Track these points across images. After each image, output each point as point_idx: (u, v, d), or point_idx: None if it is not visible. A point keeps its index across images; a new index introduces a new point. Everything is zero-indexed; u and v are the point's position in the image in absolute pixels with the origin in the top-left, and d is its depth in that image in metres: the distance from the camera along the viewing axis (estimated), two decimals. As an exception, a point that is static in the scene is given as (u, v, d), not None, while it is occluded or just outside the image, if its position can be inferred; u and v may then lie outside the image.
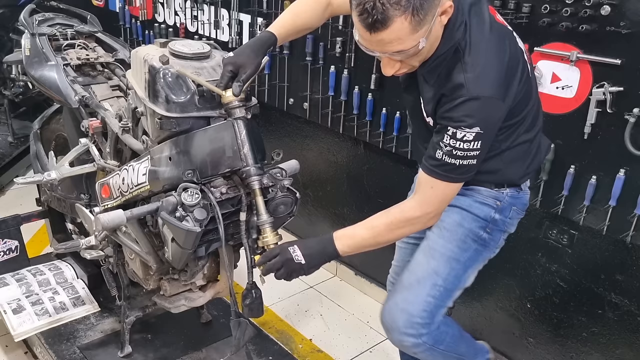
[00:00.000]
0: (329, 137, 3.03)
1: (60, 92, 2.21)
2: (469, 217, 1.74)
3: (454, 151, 1.50)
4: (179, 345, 2.34)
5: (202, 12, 3.38)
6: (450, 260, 1.75)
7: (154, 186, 1.75)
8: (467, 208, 1.74)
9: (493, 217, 1.74)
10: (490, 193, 1.74)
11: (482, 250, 1.77)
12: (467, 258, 1.76)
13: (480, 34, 1.51)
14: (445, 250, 1.76)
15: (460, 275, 1.77)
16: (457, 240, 1.75)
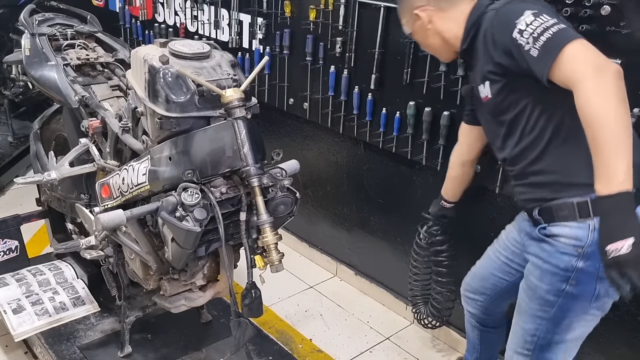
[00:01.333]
0: (329, 137, 3.04)
1: (60, 92, 2.21)
2: (548, 270, 1.61)
3: (534, 35, 1.45)
4: (179, 345, 2.34)
5: (202, 12, 3.38)
6: (534, 318, 1.68)
7: (154, 186, 1.75)
8: (547, 259, 1.62)
9: (575, 266, 1.55)
10: (569, 236, 1.55)
11: (572, 303, 1.60)
12: (554, 314, 1.63)
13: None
14: (528, 307, 1.69)
15: (552, 329, 1.65)
16: (538, 298, 1.65)
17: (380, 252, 2.95)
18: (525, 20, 1.47)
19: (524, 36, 1.46)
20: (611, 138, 1.33)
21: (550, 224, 1.61)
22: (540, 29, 1.45)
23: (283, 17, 2.95)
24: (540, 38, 1.44)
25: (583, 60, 1.41)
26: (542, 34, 1.44)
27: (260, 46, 3.12)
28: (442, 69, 2.35)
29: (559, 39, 1.43)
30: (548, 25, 1.44)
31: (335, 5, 2.70)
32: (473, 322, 2.13)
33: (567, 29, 1.46)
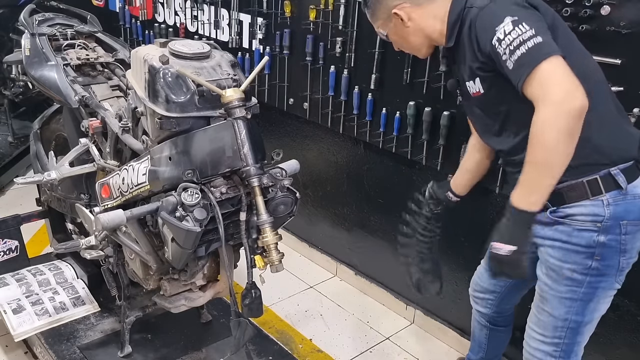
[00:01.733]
0: (329, 137, 3.04)
1: (60, 92, 2.21)
2: (571, 249, 1.61)
3: (511, 47, 1.46)
4: (179, 345, 2.34)
5: (202, 12, 3.38)
6: (563, 300, 1.65)
7: (154, 186, 1.75)
8: (566, 239, 1.61)
9: (598, 241, 1.57)
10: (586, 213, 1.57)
11: (599, 279, 1.62)
12: (583, 293, 1.63)
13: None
14: (554, 292, 1.66)
15: (582, 310, 1.65)
16: (565, 279, 1.63)
17: (380, 252, 2.95)
18: (504, 28, 1.47)
19: (502, 46, 1.48)
20: (546, 164, 1.47)
21: (560, 206, 1.60)
22: (516, 41, 1.45)
23: (283, 17, 2.95)
24: (515, 52, 1.45)
25: (552, 84, 1.43)
26: (517, 48, 1.45)
27: (260, 46, 3.12)
28: (442, 69, 2.35)
29: (532, 55, 1.43)
30: (525, 38, 1.44)
31: (335, 5, 2.70)
32: (483, 322, 2.11)
33: (542, 44, 1.44)
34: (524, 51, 1.44)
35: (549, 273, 1.66)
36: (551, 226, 1.64)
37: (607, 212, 1.55)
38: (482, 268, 2.05)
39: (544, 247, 1.67)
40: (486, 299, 2.05)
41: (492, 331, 2.11)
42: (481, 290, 2.06)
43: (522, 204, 1.52)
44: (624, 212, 1.56)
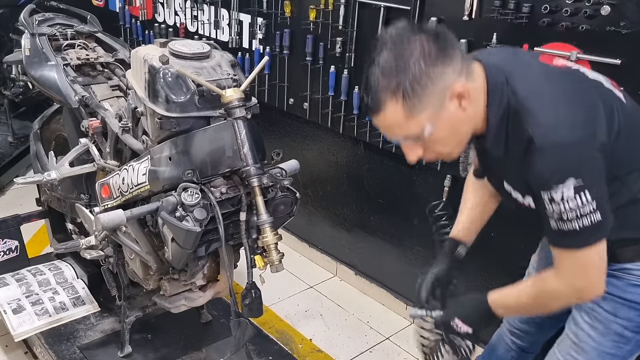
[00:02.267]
0: (329, 137, 3.03)
1: (60, 92, 2.21)
2: (624, 305, 1.47)
3: (564, 216, 1.28)
4: (179, 345, 2.34)
5: (202, 12, 3.38)
6: (604, 355, 1.52)
7: (154, 186, 1.75)
8: (620, 295, 1.47)
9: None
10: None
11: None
12: (628, 350, 1.51)
13: (531, 82, 1.33)
14: (597, 345, 1.51)
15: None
16: (612, 334, 1.49)
17: (380, 252, 2.95)
18: (563, 191, 1.26)
19: (552, 206, 1.29)
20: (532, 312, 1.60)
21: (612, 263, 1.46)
22: (572, 213, 1.28)
23: (283, 17, 2.95)
24: (566, 223, 1.30)
25: (583, 272, 1.36)
26: (570, 220, 1.29)
27: (260, 46, 3.12)
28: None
29: (583, 236, 1.31)
30: (583, 212, 1.27)
31: (335, 5, 2.70)
32: (513, 347, 1.94)
33: (598, 227, 1.29)
34: (576, 227, 1.29)
35: (595, 324, 1.51)
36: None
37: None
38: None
39: None
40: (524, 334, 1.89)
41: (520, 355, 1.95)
42: (518, 328, 1.89)
43: (497, 307, 1.51)
44: None
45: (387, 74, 1.23)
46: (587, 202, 1.26)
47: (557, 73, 1.39)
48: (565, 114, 1.28)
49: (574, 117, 1.28)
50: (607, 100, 1.35)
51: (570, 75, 1.40)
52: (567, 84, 1.35)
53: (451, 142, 1.36)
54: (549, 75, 1.37)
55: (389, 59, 1.23)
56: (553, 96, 1.31)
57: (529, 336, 1.90)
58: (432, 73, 1.23)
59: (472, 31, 2.23)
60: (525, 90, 1.31)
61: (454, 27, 2.26)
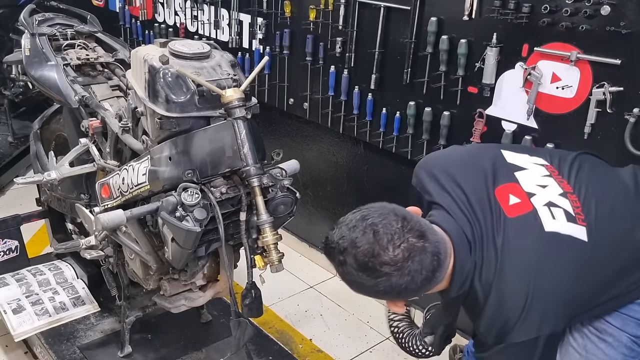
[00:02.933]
0: (329, 137, 3.03)
1: (60, 92, 2.21)
2: (632, 322, 1.46)
3: None
4: (179, 345, 2.34)
5: (202, 12, 3.38)
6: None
7: (154, 186, 1.75)
8: (626, 312, 1.45)
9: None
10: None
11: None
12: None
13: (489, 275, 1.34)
14: (607, 358, 1.49)
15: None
16: (623, 347, 1.47)
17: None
18: None
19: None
20: None
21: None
22: None
23: (283, 17, 2.95)
24: None
25: None
26: None
27: (260, 46, 3.12)
28: (442, 68, 2.35)
29: None
30: None
31: (335, 5, 2.70)
32: None
33: None
34: None
35: (604, 337, 1.49)
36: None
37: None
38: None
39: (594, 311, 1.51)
40: None
41: None
42: None
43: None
44: None
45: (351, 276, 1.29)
46: None
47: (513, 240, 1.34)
48: (515, 315, 1.30)
49: (525, 317, 1.29)
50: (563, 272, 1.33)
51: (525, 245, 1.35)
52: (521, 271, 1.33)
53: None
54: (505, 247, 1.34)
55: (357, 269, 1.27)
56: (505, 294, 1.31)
57: None
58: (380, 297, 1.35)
59: (472, 31, 2.23)
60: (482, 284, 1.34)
61: (454, 27, 2.27)
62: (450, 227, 1.36)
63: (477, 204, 1.39)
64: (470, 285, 1.36)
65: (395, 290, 1.27)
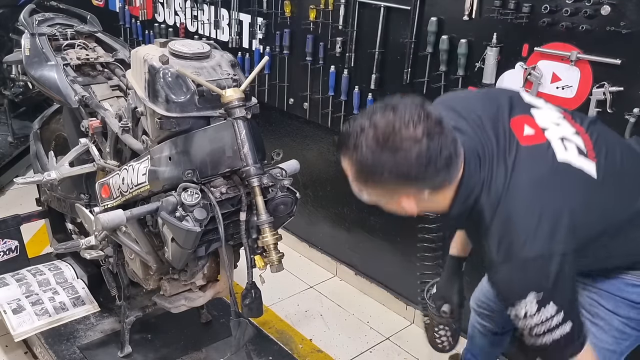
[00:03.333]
0: (329, 137, 3.03)
1: (60, 92, 2.21)
2: (624, 304, 1.48)
3: (532, 331, 1.27)
4: (179, 345, 2.34)
5: (202, 12, 3.38)
6: (604, 351, 1.51)
7: (154, 186, 1.75)
8: (618, 294, 1.48)
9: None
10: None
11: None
12: (626, 346, 1.53)
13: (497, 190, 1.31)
14: (598, 341, 1.50)
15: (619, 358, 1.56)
16: (614, 330, 1.50)
17: (380, 252, 2.95)
18: (526, 307, 1.26)
19: (519, 323, 1.29)
20: None
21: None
22: (540, 328, 1.26)
23: (283, 17, 2.95)
24: (537, 338, 1.28)
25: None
26: (540, 335, 1.27)
27: (260, 46, 3.12)
28: (442, 68, 2.35)
29: (557, 351, 1.30)
30: (551, 326, 1.26)
31: (335, 5, 2.70)
32: (485, 332, 2.01)
33: (567, 339, 1.27)
34: (546, 342, 1.27)
35: (596, 321, 1.51)
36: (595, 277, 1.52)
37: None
38: (488, 290, 1.91)
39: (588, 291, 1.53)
40: (491, 316, 1.94)
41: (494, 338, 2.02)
42: (487, 308, 1.94)
43: None
44: None
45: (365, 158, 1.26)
46: (551, 314, 1.24)
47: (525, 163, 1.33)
48: (526, 229, 1.27)
49: (535, 232, 1.26)
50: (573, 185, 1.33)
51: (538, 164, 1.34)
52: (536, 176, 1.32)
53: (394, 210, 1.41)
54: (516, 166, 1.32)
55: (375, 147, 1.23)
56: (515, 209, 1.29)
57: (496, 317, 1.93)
58: (393, 184, 1.28)
59: (472, 31, 2.23)
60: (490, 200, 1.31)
61: (454, 27, 2.27)
62: (462, 140, 1.31)
63: (491, 128, 1.37)
64: (476, 201, 1.33)
65: (414, 171, 1.22)
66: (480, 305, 1.96)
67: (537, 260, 1.25)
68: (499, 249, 1.28)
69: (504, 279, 1.29)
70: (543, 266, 1.25)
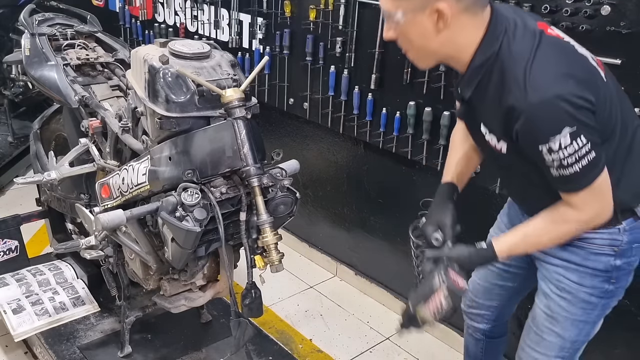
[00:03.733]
0: (329, 137, 3.03)
1: (60, 92, 2.21)
2: (588, 273, 1.57)
3: (563, 162, 1.35)
4: (179, 345, 2.34)
5: (202, 12, 3.38)
6: (577, 323, 1.62)
7: (154, 186, 1.75)
8: (582, 263, 1.56)
9: (614, 265, 1.55)
10: (603, 238, 1.54)
11: (611, 301, 1.62)
12: (596, 315, 1.62)
13: (527, 43, 1.38)
14: (568, 314, 1.61)
15: (589, 331, 1.65)
16: (581, 302, 1.59)
17: (380, 252, 2.95)
18: (560, 140, 1.32)
19: (551, 156, 1.35)
20: (542, 247, 1.58)
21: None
22: (572, 158, 1.34)
23: (283, 17, 2.95)
24: (568, 168, 1.36)
25: (590, 203, 1.43)
26: (571, 165, 1.35)
27: (260, 46, 3.12)
28: (442, 68, 2.35)
29: (584, 175, 1.38)
30: (581, 154, 1.34)
31: (335, 5, 2.70)
32: (478, 336, 2.02)
33: (595, 162, 1.36)
34: (577, 170, 1.36)
35: (564, 295, 1.60)
36: (563, 246, 1.58)
37: (624, 238, 1.54)
38: (478, 284, 1.94)
39: (554, 266, 1.62)
40: (482, 314, 1.96)
41: (488, 343, 2.03)
42: (477, 307, 1.96)
43: (503, 252, 1.54)
44: (637, 236, 1.56)
45: None
46: (582, 144, 1.33)
47: (552, 41, 1.43)
48: (555, 70, 1.35)
49: (565, 72, 1.35)
50: (592, 71, 1.44)
51: (562, 45, 1.45)
52: (560, 50, 1.42)
53: (416, 50, 1.45)
54: (543, 40, 1.40)
55: None
56: (544, 57, 1.37)
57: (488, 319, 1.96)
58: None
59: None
60: (519, 48, 1.38)
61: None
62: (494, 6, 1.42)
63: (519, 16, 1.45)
64: (497, 55, 1.39)
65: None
66: (470, 305, 1.98)
67: (571, 95, 1.32)
68: (530, 90, 1.33)
69: (540, 119, 1.34)
70: (575, 101, 1.32)
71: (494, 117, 1.43)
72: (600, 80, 1.43)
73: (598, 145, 1.37)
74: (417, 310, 1.56)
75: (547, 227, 1.50)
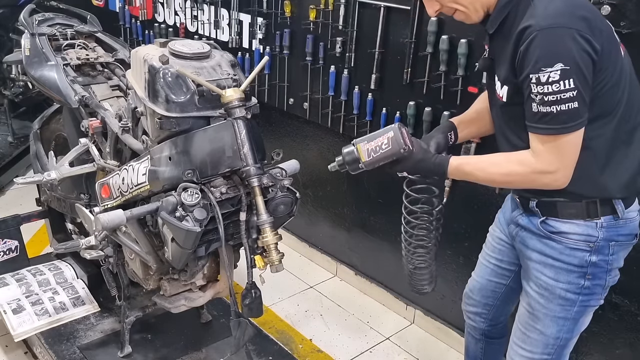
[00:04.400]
0: (329, 137, 3.03)
1: (60, 92, 2.21)
2: (563, 268, 1.60)
3: (545, 97, 1.38)
4: (179, 345, 2.34)
5: (202, 12, 3.38)
6: (556, 320, 1.64)
7: (153, 186, 1.75)
8: (558, 257, 1.60)
9: (590, 261, 1.57)
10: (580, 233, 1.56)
11: (589, 298, 1.63)
12: (575, 312, 1.63)
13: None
14: (547, 311, 1.64)
15: (573, 328, 1.66)
16: (558, 298, 1.62)
17: (380, 252, 2.95)
18: (550, 74, 1.37)
19: (537, 88, 1.40)
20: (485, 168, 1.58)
21: (550, 218, 1.60)
22: (553, 97, 1.38)
23: (283, 17, 2.95)
24: (547, 106, 1.40)
25: (554, 157, 1.46)
26: (551, 104, 1.39)
27: (260, 46, 3.12)
28: (442, 68, 2.35)
29: (560, 120, 1.40)
30: (563, 97, 1.37)
31: (335, 5, 2.70)
32: (477, 336, 2.05)
33: (575, 112, 1.39)
34: (554, 111, 1.39)
35: (542, 292, 1.65)
36: (541, 238, 1.62)
37: (600, 234, 1.56)
38: (475, 281, 1.97)
39: (533, 262, 1.65)
40: (480, 313, 1.99)
41: (487, 344, 2.06)
42: (474, 304, 1.99)
43: (454, 161, 1.59)
44: (614, 234, 1.57)
45: None
46: (568, 88, 1.37)
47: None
48: (572, 9, 1.40)
49: (582, 15, 1.40)
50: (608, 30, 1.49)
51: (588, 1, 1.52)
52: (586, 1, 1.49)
53: (466, 5, 1.56)
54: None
55: None
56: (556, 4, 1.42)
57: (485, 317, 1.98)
58: None
59: (472, 31, 2.23)
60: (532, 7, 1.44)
61: (454, 26, 2.27)
62: None
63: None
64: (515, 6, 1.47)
65: None
66: (468, 302, 2.00)
67: (573, 32, 1.37)
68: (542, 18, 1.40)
69: (540, 44, 1.38)
70: (577, 40, 1.37)
71: (507, 51, 1.48)
72: (615, 42, 1.50)
73: (585, 104, 1.40)
74: (356, 144, 1.61)
75: (502, 162, 1.56)
